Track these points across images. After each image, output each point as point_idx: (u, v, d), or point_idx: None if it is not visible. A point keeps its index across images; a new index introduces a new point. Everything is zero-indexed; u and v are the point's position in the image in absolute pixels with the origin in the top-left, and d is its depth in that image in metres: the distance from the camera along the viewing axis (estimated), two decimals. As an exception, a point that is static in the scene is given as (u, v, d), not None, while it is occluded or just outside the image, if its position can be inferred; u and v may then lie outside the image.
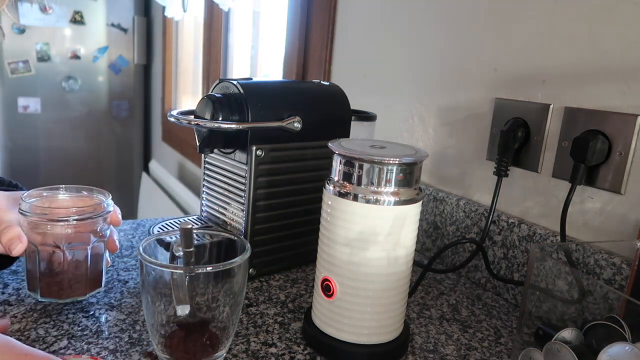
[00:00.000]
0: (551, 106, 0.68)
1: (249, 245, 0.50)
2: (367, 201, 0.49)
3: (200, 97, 1.06)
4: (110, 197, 0.62)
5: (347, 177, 0.50)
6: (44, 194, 0.62)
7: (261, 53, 1.86)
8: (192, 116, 0.68)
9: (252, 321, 0.59)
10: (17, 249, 0.55)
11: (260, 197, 0.68)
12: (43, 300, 0.59)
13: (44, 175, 2.84)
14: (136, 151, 3.12)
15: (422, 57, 0.89)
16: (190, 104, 2.52)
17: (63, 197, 0.63)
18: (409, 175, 0.50)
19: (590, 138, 0.61)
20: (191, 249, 0.47)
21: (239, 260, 0.47)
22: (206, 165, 0.75)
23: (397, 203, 0.49)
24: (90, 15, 2.80)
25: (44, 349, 0.50)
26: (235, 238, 0.53)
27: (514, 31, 0.73)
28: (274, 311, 0.62)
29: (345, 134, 0.75)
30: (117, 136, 3.03)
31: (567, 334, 0.47)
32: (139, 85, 3.04)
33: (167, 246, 0.53)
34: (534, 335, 0.50)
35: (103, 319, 0.57)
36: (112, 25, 2.86)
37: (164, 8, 2.22)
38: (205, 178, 0.76)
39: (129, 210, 3.01)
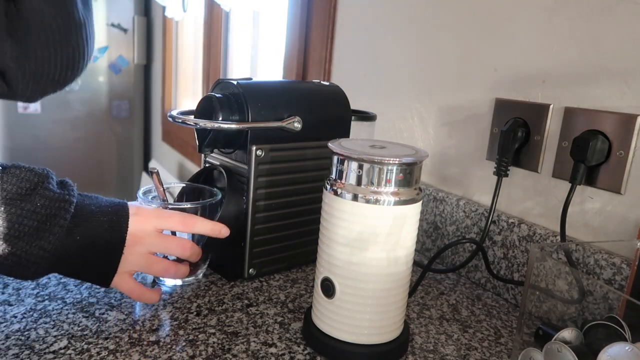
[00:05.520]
0: (551, 106, 0.68)
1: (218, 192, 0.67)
2: (367, 201, 0.49)
3: (200, 97, 1.06)
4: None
5: (347, 177, 0.50)
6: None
7: (261, 53, 1.86)
8: (192, 116, 0.68)
9: (252, 321, 0.59)
10: (226, 231, 0.60)
11: (260, 197, 0.68)
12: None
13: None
14: (136, 151, 3.12)
15: (422, 57, 0.89)
16: (190, 104, 2.52)
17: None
18: (409, 175, 0.50)
19: (590, 138, 0.61)
20: (161, 188, 0.65)
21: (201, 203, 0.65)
22: (206, 165, 0.75)
23: (397, 203, 0.49)
24: (90, 15, 2.79)
25: (43, 349, 0.51)
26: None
27: (514, 31, 0.73)
28: (274, 311, 0.62)
29: (345, 134, 0.75)
30: (117, 136, 3.03)
31: (567, 334, 0.47)
32: (139, 85, 3.04)
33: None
34: (534, 335, 0.50)
35: (103, 319, 0.57)
36: (112, 25, 2.86)
37: (164, 8, 2.22)
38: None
39: (129, 210, 3.00)
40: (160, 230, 0.57)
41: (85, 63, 0.49)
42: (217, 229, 0.60)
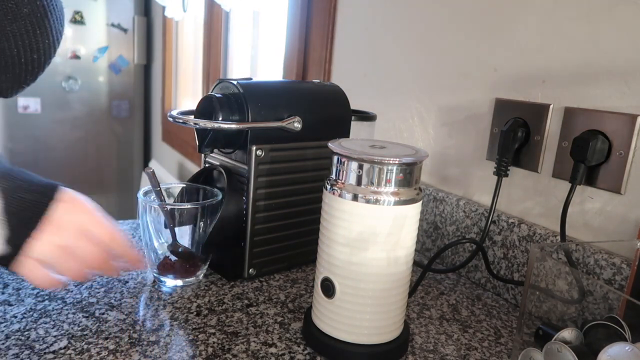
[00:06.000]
0: (551, 106, 0.68)
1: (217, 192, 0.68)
2: (367, 201, 0.49)
3: (200, 97, 1.06)
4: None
5: (347, 177, 0.50)
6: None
7: (261, 53, 1.86)
8: (192, 116, 0.68)
9: (252, 321, 0.59)
10: (140, 265, 0.57)
11: (260, 197, 0.68)
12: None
13: (44, 175, 2.81)
14: (136, 151, 3.12)
15: (422, 56, 0.89)
16: (190, 104, 2.52)
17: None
18: (409, 175, 0.50)
19: (590, 138, 0.61)
20: (158, 188, 0.65)
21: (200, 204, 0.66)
22: (206, 165, 0.75)
23: (397, 203, 0.49)
24: (90, 15, 2.79)
25: (43, 349, 0.51)
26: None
27: (514, 31, 0.73)
28: (274, 311, 0.62)
29: (346, 134, 0.75)
30: (117, 136, 3.03)
31: (567, 334, 0.47)
32: (139, 85, 3.04)
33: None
34: (534, 335, 0.50)
35: (103, 319, 0.57)
36: (112, 25, 2.86)
37: (164, 8, 2.22)
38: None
39: (129, 210, 3.01)
40: (85, 228, 0.51)
41: (52, 51, 0.47)
42: (135, 258, 0.55)
